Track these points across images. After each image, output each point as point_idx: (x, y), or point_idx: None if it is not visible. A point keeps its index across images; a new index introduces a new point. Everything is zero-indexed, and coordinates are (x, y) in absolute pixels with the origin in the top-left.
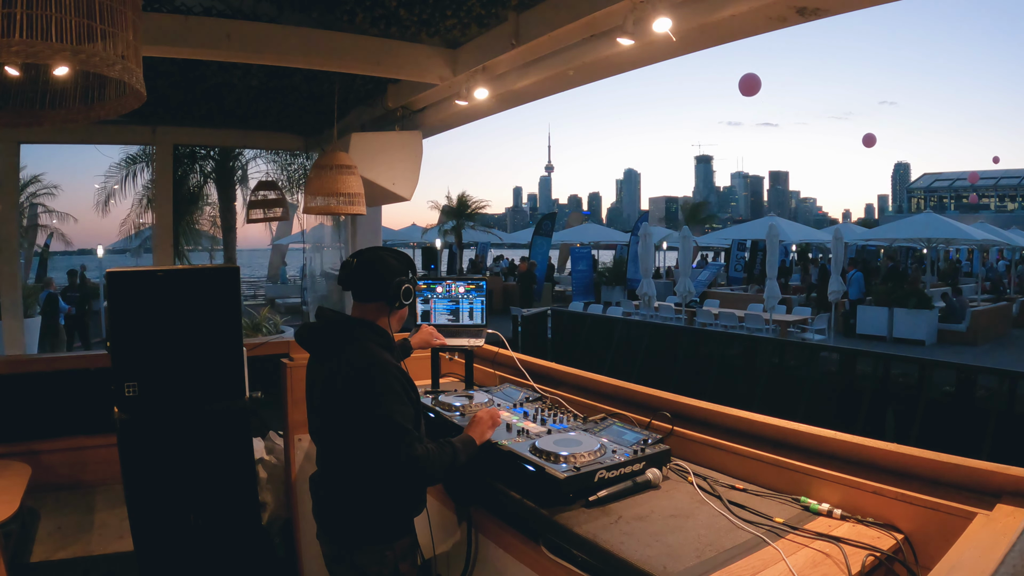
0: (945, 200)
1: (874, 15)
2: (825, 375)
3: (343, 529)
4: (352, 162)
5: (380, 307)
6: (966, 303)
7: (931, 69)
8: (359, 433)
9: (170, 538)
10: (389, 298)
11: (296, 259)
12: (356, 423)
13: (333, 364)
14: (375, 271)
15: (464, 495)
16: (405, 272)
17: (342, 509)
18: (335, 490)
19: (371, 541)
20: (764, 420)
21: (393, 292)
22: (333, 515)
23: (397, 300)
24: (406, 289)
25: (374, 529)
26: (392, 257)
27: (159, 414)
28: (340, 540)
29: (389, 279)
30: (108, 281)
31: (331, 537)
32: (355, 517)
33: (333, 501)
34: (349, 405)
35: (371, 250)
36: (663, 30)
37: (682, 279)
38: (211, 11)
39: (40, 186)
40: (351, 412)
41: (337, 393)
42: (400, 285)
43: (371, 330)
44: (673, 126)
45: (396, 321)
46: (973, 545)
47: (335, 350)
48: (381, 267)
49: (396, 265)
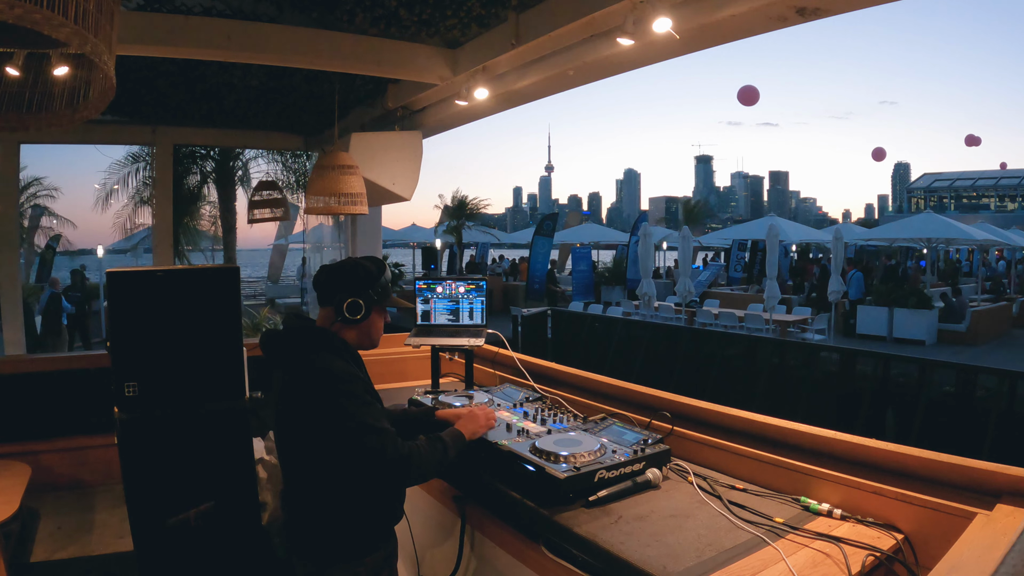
0: (945, 200)
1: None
2: (825, 375)
3: (314, 546)
4: (354, 162)
5: (328, 314)
6: (966, 303)
7: (931, 69)
8: (332, 447)
9: (170, 538)
10: (336, 308)
11: (295, 259)
12: (325, 436)
13: (289, 373)
14: (331, 278)
15: (466, 485)
16: (363, 287)
17: (312, 525)
18: (304, 505)
19: (343, 558)
20: (764, 420)
21: (338, 303)
22: (303, 532)
23: (341, 314)
24: (352, 304)
25: (346, 544)
26: (356, 267)
27: (159, 414)
28: (312, 557)
29: (340, 288)
30: (108, 281)
31: (302, 555)
32: (326, 533)
33: (303, 517)
34: (312, 419)
35: (351, 257)
36: (663, 30)
37: (682, 279)
38: (211, 11)
39: (41, 187)
40: (316, 426)
41: (295, 406)
42: (343, 300)
43: (326, 339)
44: (673, 126)
45: (358, 335)
46: (973, 545)
47: (289, 359)
48: (338, 274)
49: (356, 277)
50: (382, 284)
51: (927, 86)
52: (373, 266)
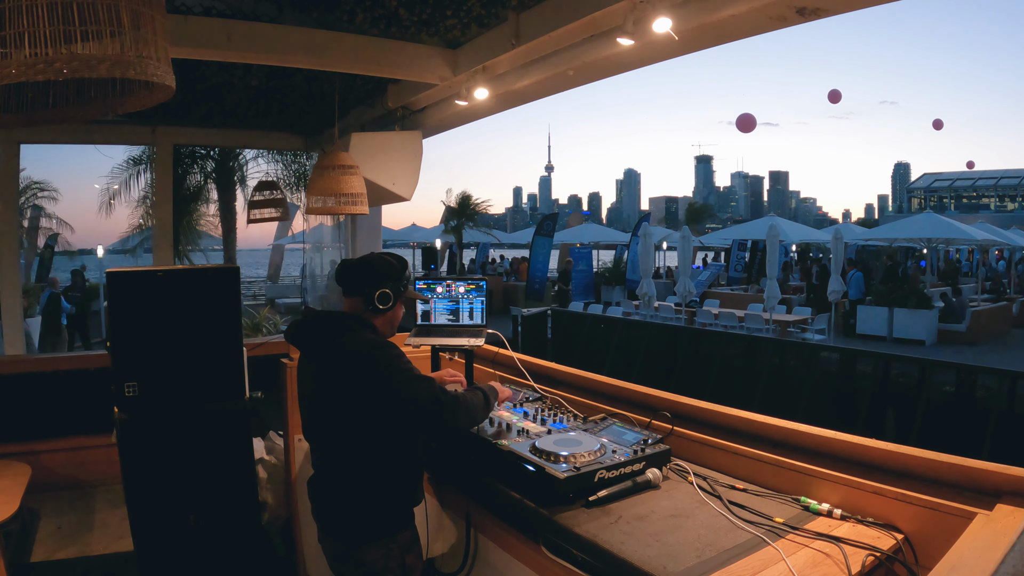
0: (945, 200)
1: (874, 15)
2: (825, 375)
3: (347, 526)
4: (354, 162)
5: (356, 304)
6: (966, 303)
7: (931, 69)
8: (379, 409)
9: (170, 538)
10: (366, 298)
11: (295, 259)
12: (372, 401)
13: (326, 356)
14: (360, 270)
15: (467, 486)
16: (390, 279)
17: (344, 506)
18: (335, 487)
19: (375, 536)
20: (764, 420)
21: (369, 293)
22: (335, 513)
23: (371, 303)
24: (382, 294)
25: (378, 523)
26: (383, 262)
27: (159, 414)
28: (344, 538)
29: (370, 280)
30: (108, 281)
31: (335, 536)
32: (358, 513)
33: (334, 499)
34: (355, 393)
35: (373, 253)
36: (663, 30)
37: (682, 279)
38: (211, 11)
39: (40, 187)
40: (359, 400)
41: (336, 384)
42: (375, 290)
43: (359, 322)
44: (673, 126)
45: (383, 323)
46: (973, 545)
47: (326, 342)
48: (367, 268)
49: (384, 270)
50: (407, 276)
51: (927, 86)
52: (396, 261)
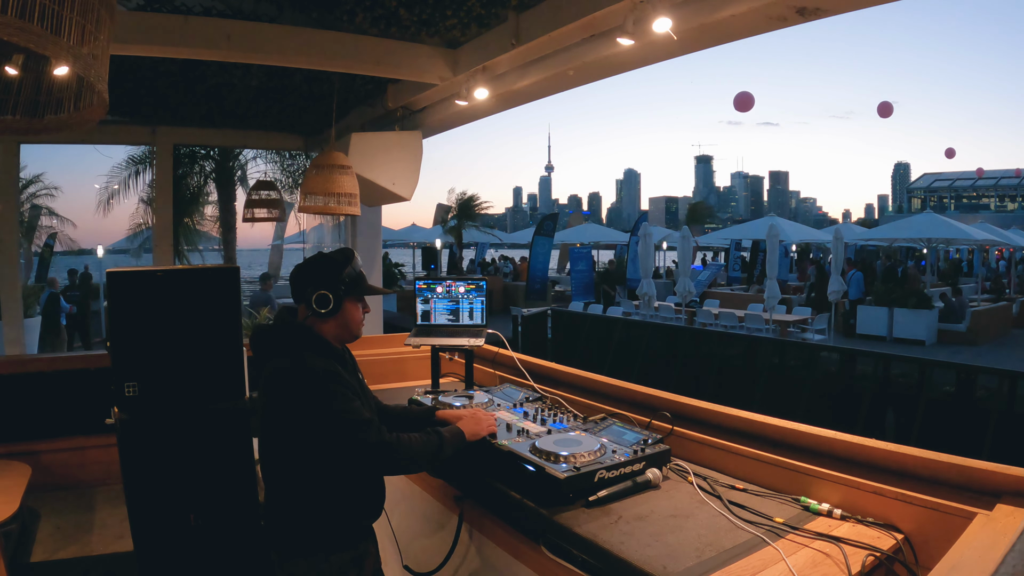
0: (945, 200)
1: (874, 15)
2: (825, 375)
3: (281, 536)
4: (348, 162)
5: (303, 311)
6: (966, 303)
7: (931, 69)
8: (312, 438)
9: (170, 538)
10: (307, 304)
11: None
12: (306, 429)
13: (266, 371)
14: (299, 273)
15: (465, 484)
16: (324, 279)
17: (281, 515)
18: (276, 495)
19: (305, 552)
20: (764, 420)
21: (308, 298)
22: (273, 521)
23: (312, 309)
24: (319, 297)
25: (310, 538)
26: (314, 262)
27: (159, 414)
28: (279, 547)
29: (306, 283)
30: (108, 281)
31: (274, 544)
32: (292, 524)
33: (274, 506)
34: (294, 414)
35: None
36: (663, 30)
37: (682, 279)
38: (211, 11)
39: (40, 186)
40: (297, 420)
41: (278, 401)
42: (312, 294)
43: (304, 335)
44: (673, 126)
45: (334, 328)
46: (973, 545)
47: (267, 356)
48: (298, 271)
49: (314, 271)
50: (350, 274)
51: (927, 86)
52: (340, 256)
